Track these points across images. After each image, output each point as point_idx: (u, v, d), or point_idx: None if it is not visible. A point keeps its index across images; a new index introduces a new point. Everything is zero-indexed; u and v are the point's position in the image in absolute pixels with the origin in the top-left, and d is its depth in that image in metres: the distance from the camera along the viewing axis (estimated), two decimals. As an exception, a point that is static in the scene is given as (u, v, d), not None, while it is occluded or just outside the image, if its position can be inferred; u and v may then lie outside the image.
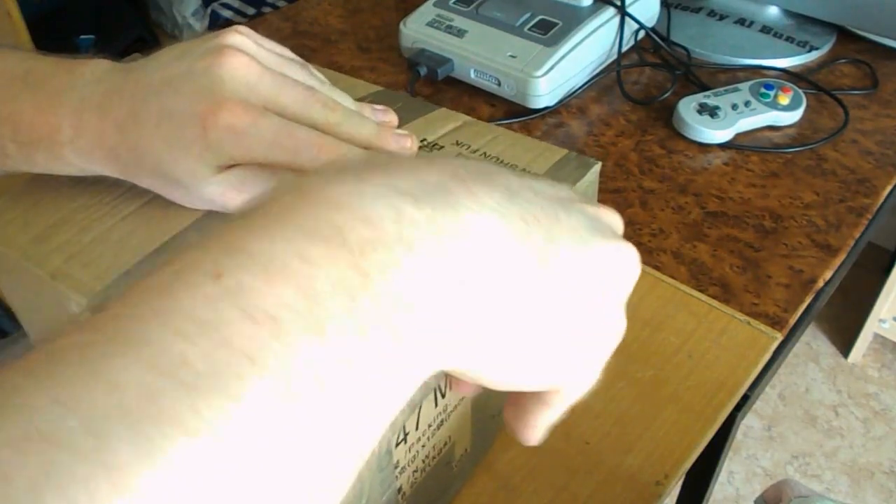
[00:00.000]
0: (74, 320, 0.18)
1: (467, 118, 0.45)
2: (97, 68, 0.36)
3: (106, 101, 0.35)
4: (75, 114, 0.35)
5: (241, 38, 0.36)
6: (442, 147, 0.42)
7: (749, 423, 1.62)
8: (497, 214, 0.22)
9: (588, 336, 0.26)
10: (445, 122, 0.45)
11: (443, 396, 0.37)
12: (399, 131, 0.39)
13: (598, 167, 0.42)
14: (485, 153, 0.42)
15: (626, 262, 0.27)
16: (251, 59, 0.35)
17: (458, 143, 0.42)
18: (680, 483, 0.71)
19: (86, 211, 0.37)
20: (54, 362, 0.16)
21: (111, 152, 0.35)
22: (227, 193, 0.36)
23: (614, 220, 0.29)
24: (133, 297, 0.18)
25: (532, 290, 0.23)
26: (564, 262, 0.24)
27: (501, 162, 0.42)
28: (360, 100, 0.41)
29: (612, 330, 0.27)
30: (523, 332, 0.23)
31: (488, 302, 0.22)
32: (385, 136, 0.38)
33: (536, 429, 0.28)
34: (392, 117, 0.42)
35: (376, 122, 0.38)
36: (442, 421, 0.38)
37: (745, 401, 0.54)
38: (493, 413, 0.46)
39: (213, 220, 0.36)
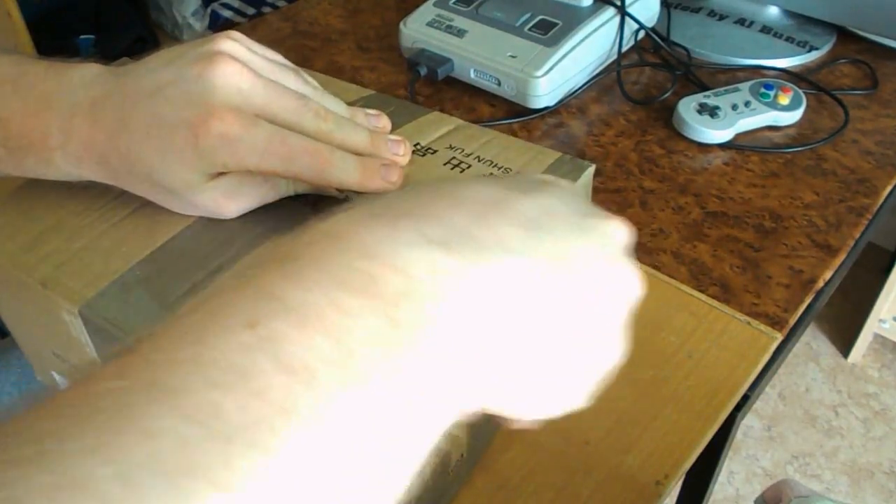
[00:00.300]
0: (106, 361, 0.18)
1: (460, 122, 0.45)
2: (87, 73, 0.35)
3: (96, 106, 0.34)
4: (65, 119, 0.34)
5: (234, 44, 0.35)
6: (436, 151, 0.42)
7: (749, 423, 1.62)
8: (522, 257, 0.23)
9: (588, 362, 0.26)
10: (438, 125, 0.44)
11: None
12: (392, 137, 0.39)
13: (591, 170, 0.42)
14: (478, 157, 0.41)
15: (625, 285, 0.28)
16: (243, 67, 0.34)
17: (451, 147, 0.42)
18: (680, 483, 0.70)
19: (76, 217, 0.36)
20: (89, 407, 0.16)
21: (101, 158, 0.35)
22: (219, 200, 0.35)
23: (623, 235, 0.29)
24: (165, 341, 0.18)
25: (551, 325, 0.24)
26: (575, 292, 0.25)
27: (495, 166, 0.42)
28: (352, 104, 0.41)
29: (607, 355, 0.27)
30: (542, 365, 0.24)
31: (513, 344, 0.22)
32: (378, 143, 0.37)
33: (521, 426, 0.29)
34: (385, 122, 0.41)
35: (369, 128, 0.38)
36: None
37: (745, 401, 0.54)
38: (489, 416, 0.46)
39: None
